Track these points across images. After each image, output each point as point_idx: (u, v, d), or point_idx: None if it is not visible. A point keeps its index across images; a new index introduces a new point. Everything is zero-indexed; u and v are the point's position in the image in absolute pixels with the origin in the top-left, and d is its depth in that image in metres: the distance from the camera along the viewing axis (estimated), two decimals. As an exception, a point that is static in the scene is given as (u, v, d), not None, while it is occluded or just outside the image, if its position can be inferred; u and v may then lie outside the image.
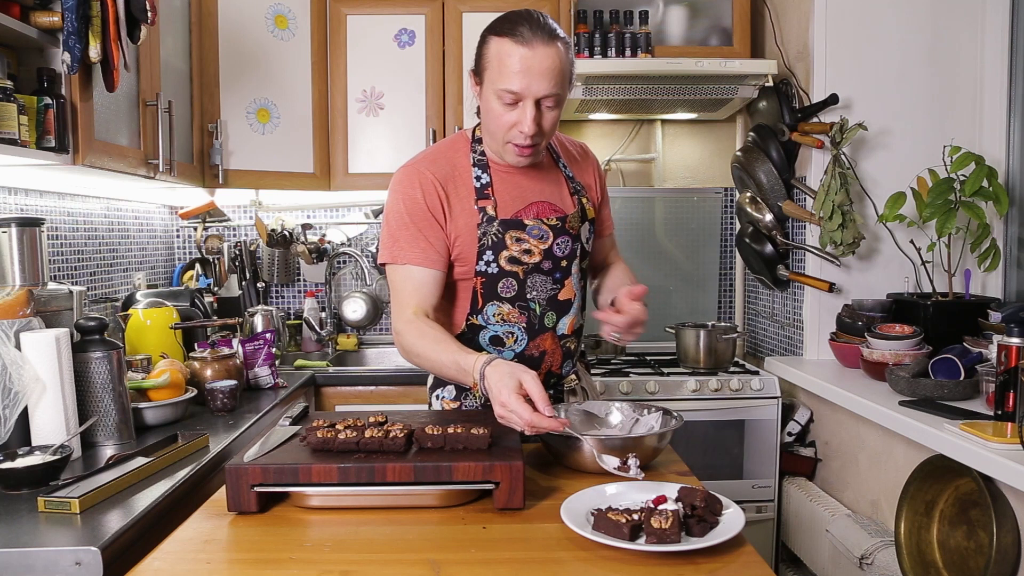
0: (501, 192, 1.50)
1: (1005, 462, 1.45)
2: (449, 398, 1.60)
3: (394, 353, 3.04)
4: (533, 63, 1.36)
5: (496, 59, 1.39)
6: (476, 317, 1.52)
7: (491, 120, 1.44)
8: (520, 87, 1.37)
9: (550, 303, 1.54)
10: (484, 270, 1.48)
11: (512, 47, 1.36)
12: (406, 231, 1.46)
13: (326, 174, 2.78)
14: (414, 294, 1.45)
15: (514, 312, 1.51)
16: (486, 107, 1.44)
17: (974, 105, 2.41)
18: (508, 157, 1.48)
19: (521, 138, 1.42)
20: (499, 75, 1.38)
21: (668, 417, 1.37)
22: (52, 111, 1.63)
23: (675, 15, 2.79)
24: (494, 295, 1.50)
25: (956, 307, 2.18)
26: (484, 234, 1.47)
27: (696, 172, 3.18)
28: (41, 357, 1.47)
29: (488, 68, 1.41)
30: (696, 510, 1.06)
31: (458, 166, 1.51)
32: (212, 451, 1.57)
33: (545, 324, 1.54)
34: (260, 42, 2.61)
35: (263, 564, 1.00)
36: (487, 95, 1.42)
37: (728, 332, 2.65)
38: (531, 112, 1.39)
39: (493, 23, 1.43)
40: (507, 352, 1.53)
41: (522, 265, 1.49)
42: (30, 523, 1.19)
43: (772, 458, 2.51)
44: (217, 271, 2.96)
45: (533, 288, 1.51)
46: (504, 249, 1.48)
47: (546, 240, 1.50)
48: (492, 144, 1.49)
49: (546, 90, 1.38)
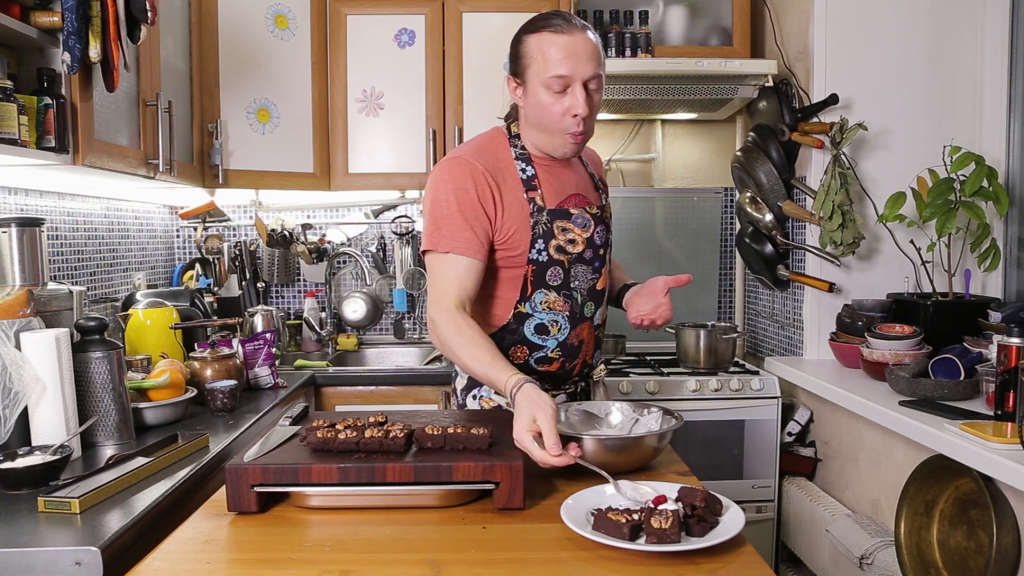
0: (545, 184, 1.55)
1: (1005, 462, 1.45)
2: (487, 396, 1.62)
3: (394, 353, 3.04)
4: (576, 48, 1.44)
5: (539, 52, 1.46)
6: (524, 305, 1.55)
7: (543, 113, 1.49)
8: (568, 71, 1.44)
9: (590, 293, 1.60)
10: (536, 258, 1.53)
11: (553, 37, 1.45)
12: (452, 220, 1.48)
13: (326, 174, 2.78)
14: (455, 283, 1.46)
15: (559, 300, 1.56)
16: (535, 102, 1.49)
17: (974, 105, 2.41)
18: (562, 148, 1.53)
19: (575, 124, 1.48)
20: (545, 65, 1.45)
21: (668, 417, 1.37)
22: (52, 111, 1.63)
23: (675, 15, 2.79)
24: (542, 283, 1.54)
25: (956, 307, 2.18)
26: (536, 223, 1.52)
27: (696, 172, 3.18)
28: (41, 357, 1.47)
29: (532, 63, 1.47)
30: (696, 510, 1.06)
31: (501, 158, 1.55)
32: (212, 451, 1.58)
33: (584, 314, 1.60)
34: (260, 42, 2.61)
35: (263, 564, 1.00)
36: (534, 90, 1.48)
37: (728, 332, 2.65)
38: (581, 94, 1.45)
39: (525, 25, 1.51)
40: (551, 340, 1.57)
41: (567, 255, 1.55)
42: (30, 523, 1.19)
43: (772, 458, 2.51)
44: (217, 271, 2.96)
45: (576, 278, 1.57)
46: (553, 238, 1.53)
47: (588, 229, 1.57)
48: (545, 138, 1.53)
49: (592, 71, 1.46)
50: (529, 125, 1.55)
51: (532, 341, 1.57)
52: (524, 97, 1.52)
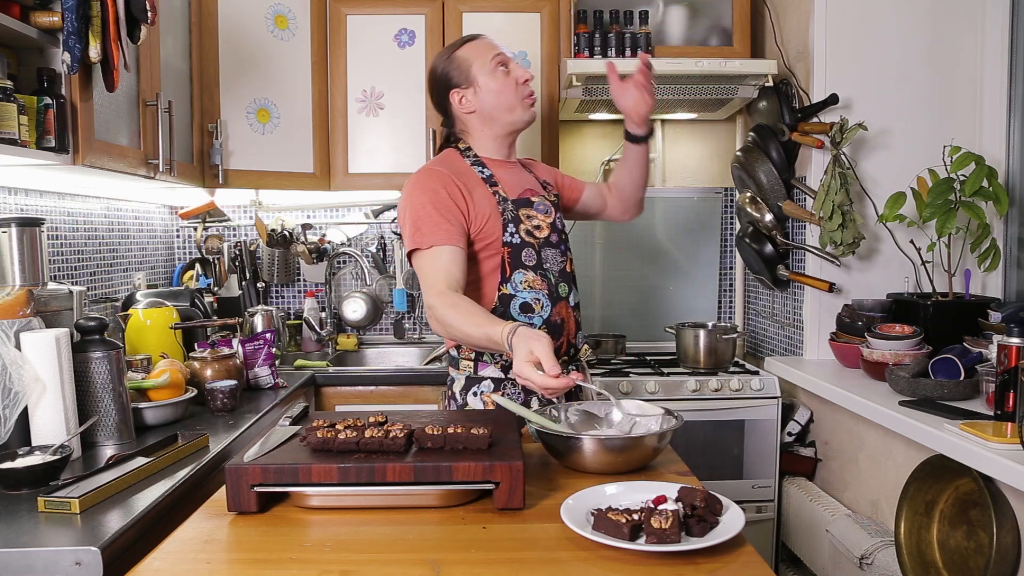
0: (503, 180, 1.73)
1: (1005, 462, 1.45)
2: (488, 391, 1.68)
3: (394, 353, 3.04)
4: (490, 41, 1.77)
5: (472, 52, 1.73)
6: (506, 286, 1.68)
7: (500, 93, 1.72)
8: (501, 51, 1.74)
9: (561, 275, 1.74)
10: (510, 240, 1.68)
11: (474, 42, 1.76)
12: (430, 218, 1.61)
13: (326, 174, 2.78)
14: (443, 272, 1.58)
15: (537, 279, 1.69)
16: (490, 89, 1.72)
17: (974, 105, 2.41)
18: (523, 115, 1.75)
19: (527, 89, 1.74)
20: (484, 55, 1.73)
21: (668, 417, 1.37)
22: (52, 111, 1.63)
23: (675, 15, 2.79)
24: (520, 263, 1.68)
25: (956, 307, 2.18)
26: (504, 210, 1.68)
27: (696, 172, 3.18)
28: (41, 357, 1.47)
29: (472, 62, 1.73)
30: (696, 510, 1.05)
31: (460, 166, 1.73)
32: (212, 451, 1.57)
33: (560, 293, 1.73)
34: (260, 42, 2.61)
35: (263, 564, 1.00)
36: (485, 82, 1.72)
37: (728, 332, 2.65)
38: (517, 66, 1.75)
39: (443, 52, 1.78)
40: (536, 318, 1.68)
41: (536, 239, 1.71)
42: (30, 523, 1.19)
43: (772, 458, 2.51)
44: (217, 271, 2.96)
45: (547, 260, 1.72)
46: (521, 223, 1.70)
47: (550, 215, 1.76)
48: (506, 117, 1.74)
49: (509, 52, 1.77)
50: (485, 122, 1.74)
51: (519, 320, 1.65)
52: (476, 96, 1.72)
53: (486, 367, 1.70)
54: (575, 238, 3.16)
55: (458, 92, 1.74)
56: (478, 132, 1.76)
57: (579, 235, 3.11)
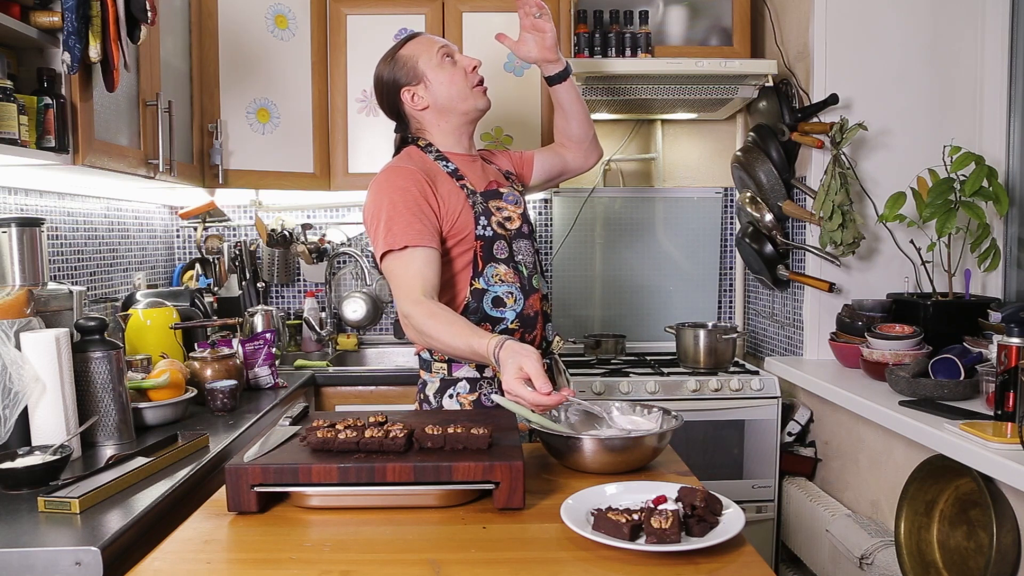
0: (468, 174, 1.72)
1: (1005, 462, 1.45)
2: (465, 392, 1.67)
3: (394, 353, 3.04)
4: (431, 36, 1.78)
5: (417, 47, 1.73)
6: (478, 280, 1.65)
7: (451, 84, 1.70)
8: (446, 43, 1.74)
9: (534, 267, 1.74)
10: (482, 233, 1.65)
11: (415, 39, 1.75)
12: (401, 218, 1.56)
13: (326, 174, 2.78)
14: (418, 277, 1.53)
15: (509, 272, 1.67)
16: (440, 81, 1.70)
17: (974, 105, 2.41)
18: (476, 103, 1.73)
19: (476, 77, 1.73)
20: (430, 49, 1.72)
21: (668, 417, 1.37)
22: (52, 111, 1.63)
23: (675, 15, 2.79)
24: (491, 257, 1.66)
25: (956, 307, 2.18)
26: (474, 204, 1.66)
27: (696, 172, 3.18)
28: (41, 357, 1.47)
29: (419, 57, 1.72)
30: (696, 510, 1.05)
31: (425, 162, 1.70)
32: (212, 451, 1.57)
33: (533, 285, 1.72)
34: (260, 42, 2.61)
35: (263, 564, 1.00)
36: (435, 75, 1.71)
37: (728, 332, 2.65)
38: (463, 56, 1.75)
39: (387, 54, 1.76)
40: (508, 312, 1.66)
41: (508, 231, 1.70)
42: (30, 523, 1.19)
43: (772, 458, 2.51)
44: (217, 271, 2.96)
45: (519, 252, 1.71)
46: (492, 215, 1.68)
47: (520, 205, 1.75)
48: (459, 106, 1.72)
49: (451, 43, 1.78)
50: (441, 116, 1.73)
51: (492, 315, 1.66)
52: (428, 90, 1.71)
53: (460, 368, 1.68)
54: (574, 238, 3.19)
55: (408, 90, 1.72)
56: (435, 127, 1.74)
57: (579, 235, 3.11)
